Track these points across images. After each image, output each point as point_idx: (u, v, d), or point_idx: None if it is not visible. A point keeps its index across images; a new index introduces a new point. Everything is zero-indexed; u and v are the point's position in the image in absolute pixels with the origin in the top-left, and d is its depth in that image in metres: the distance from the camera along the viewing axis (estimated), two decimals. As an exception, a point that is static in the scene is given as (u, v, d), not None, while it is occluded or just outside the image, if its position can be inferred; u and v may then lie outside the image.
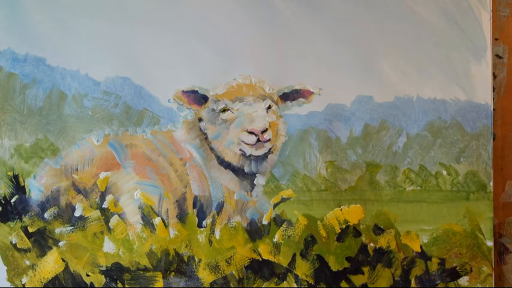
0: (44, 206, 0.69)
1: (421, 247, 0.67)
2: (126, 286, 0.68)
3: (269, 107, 0.67)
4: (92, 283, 0.69)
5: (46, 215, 0.69)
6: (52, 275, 0.69)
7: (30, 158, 0.70)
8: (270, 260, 0.68)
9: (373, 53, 0.67)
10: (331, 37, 0.67)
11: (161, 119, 0.69)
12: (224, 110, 0.67)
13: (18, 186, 0.70)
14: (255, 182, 0.68)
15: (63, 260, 0.69)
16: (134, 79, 0.69)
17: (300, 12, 0.63)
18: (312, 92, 0.67)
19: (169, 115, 0.69)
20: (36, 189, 0.69)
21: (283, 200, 0.68)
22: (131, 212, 0.69)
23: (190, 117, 0.69)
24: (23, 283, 0.69)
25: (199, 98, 0.68)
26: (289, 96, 0.68)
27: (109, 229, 0.69)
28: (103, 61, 0.69)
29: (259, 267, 0.68)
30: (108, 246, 0.69)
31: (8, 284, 0.69)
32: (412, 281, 0.67)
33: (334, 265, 0.67)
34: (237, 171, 0.68)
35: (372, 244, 0.67)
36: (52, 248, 0.69)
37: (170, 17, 0.68)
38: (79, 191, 0.69)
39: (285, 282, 0.68)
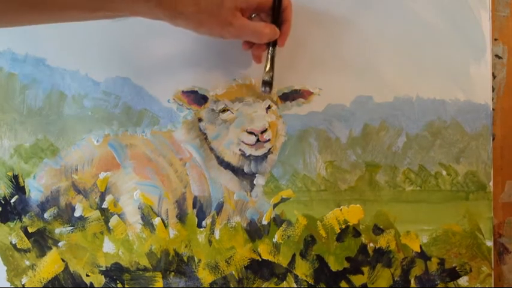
0: (43, 206, 0.69)
1: (420, 247, 0.67)
2: (126, 286, 0.68)
3: (269, 107, 0.67)
4: (91, 283, 0.69)
5: (46, 215, 0.69)
6: (52, 275, 0.69)
7: (30, 158, 0.70)
8: (269, 260, 0.68)
9: (372, 53, 0.67)
10: (330, 37, 0.67)
11: (161, 119, 0.69)
12: (224, 110, 0.67)
13: (18, 187, 0.70)
14: (254, 182, 0.68)
15: (63, 260, 0.69)
16: (134, 79, 0.69)
17: (298, 12, 0.63)
18: (312, 92, 0.67)
19: (169, 115, 0.69)
20: (36, 189, 0.69)
21: (282, 200, 0.68)
22: (131, 212, 0.69)
23: (189, 117, 0.69)
24: (22, 283, 0.69)
25: (199, 98, 0.68)
26: (289, 96, 0.68)
27: (109, 229, 0.69)
28: (103, 61, 0.69)
29: (259, 268, 0.68)
30: (108, 246, 0.69)
31: (8, 284, 0.69)
32: (412, 281, 0.67)
33: (334, 265, 0.67)
34: (237, 171, 0.68)
35: (371, 244, 0.68)
36: (52, 248, 0.69)
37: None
38: (79, 191, 0.69)
39: (284, 282, 0.68)
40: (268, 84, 0.62)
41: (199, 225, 0.68)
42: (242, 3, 0.53)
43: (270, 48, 0.61)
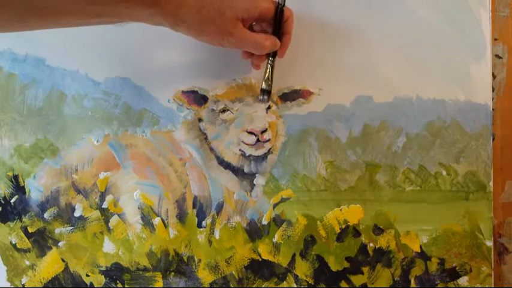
0: (43, 206, 0.69)
1: (420, 247, 0.67)
2: (126, 286, 0.68)
3: (269, 107, 0.67)
4: (91, 283, 0.69)
5: (46, 215, 0.69)
6: (52, 275, 0.69)
7: (30, 158, 0.70)
8: (269, 260, 0.68)
9: (372, 53, 0.67)
10: (330, 37, 0.67)
11: (161, 119, 0.69)
12: (224, 110, 0.67)
13: (18, 187, 0.70)
14: (254, 182, 0.68)
15: (63, 260, 0.69)
16: (134, 79, 0.69)
17: (298, 12, 0.63)
18: (312, 93, 0.67)
19: (169, 115, 0.69)
20: (36, 189, 0.70)
21: (282, 200, 0.68)
22: (131, 212, 0.69)
23: (189, 117, 0.69)
24: (22, 283, 0.69)
25: (199, 98, 0.68)
26: (289, 96, 0.68)
27: (109, 229, 0.69)
28: (103, 61, 0.69)
29: (259, 267, 0.68)
30: (108, 246, 0.69)
31: (8, 284, 0.69)
32: (412, 281, 0.67)
33: (334, 265, 0.67)
34: (237, 171, 0.68)
35: (371, 244, 0.68)
36: (52, 248, 0.69)
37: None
38: (79, 191, 0.69)
39: (284, 282, 0.68)
40: (266, 92, 0.63)
41: (199, 225, 0.68)
42: (243, 13, 0.53)
43: (270, 58, 0.61)
